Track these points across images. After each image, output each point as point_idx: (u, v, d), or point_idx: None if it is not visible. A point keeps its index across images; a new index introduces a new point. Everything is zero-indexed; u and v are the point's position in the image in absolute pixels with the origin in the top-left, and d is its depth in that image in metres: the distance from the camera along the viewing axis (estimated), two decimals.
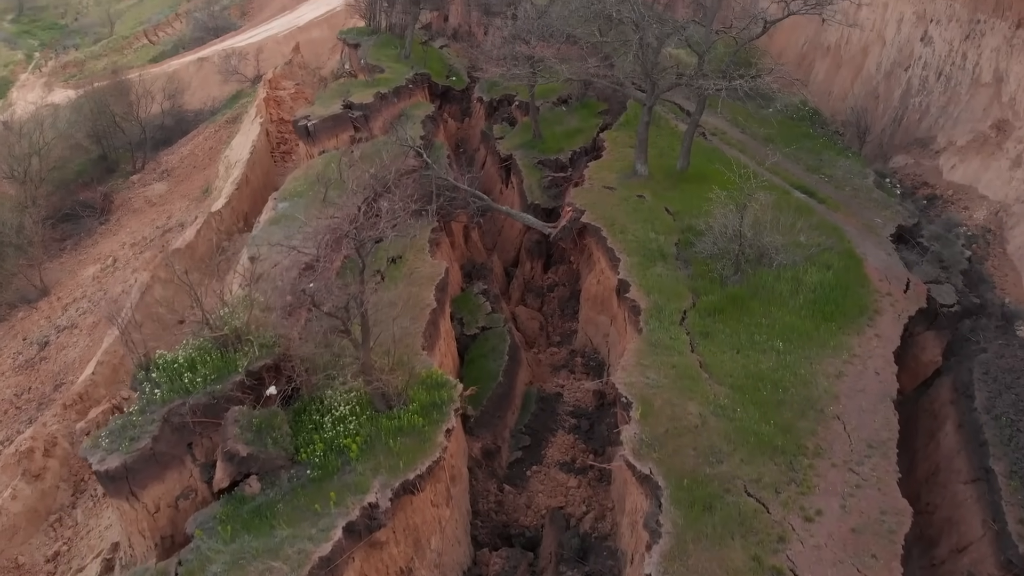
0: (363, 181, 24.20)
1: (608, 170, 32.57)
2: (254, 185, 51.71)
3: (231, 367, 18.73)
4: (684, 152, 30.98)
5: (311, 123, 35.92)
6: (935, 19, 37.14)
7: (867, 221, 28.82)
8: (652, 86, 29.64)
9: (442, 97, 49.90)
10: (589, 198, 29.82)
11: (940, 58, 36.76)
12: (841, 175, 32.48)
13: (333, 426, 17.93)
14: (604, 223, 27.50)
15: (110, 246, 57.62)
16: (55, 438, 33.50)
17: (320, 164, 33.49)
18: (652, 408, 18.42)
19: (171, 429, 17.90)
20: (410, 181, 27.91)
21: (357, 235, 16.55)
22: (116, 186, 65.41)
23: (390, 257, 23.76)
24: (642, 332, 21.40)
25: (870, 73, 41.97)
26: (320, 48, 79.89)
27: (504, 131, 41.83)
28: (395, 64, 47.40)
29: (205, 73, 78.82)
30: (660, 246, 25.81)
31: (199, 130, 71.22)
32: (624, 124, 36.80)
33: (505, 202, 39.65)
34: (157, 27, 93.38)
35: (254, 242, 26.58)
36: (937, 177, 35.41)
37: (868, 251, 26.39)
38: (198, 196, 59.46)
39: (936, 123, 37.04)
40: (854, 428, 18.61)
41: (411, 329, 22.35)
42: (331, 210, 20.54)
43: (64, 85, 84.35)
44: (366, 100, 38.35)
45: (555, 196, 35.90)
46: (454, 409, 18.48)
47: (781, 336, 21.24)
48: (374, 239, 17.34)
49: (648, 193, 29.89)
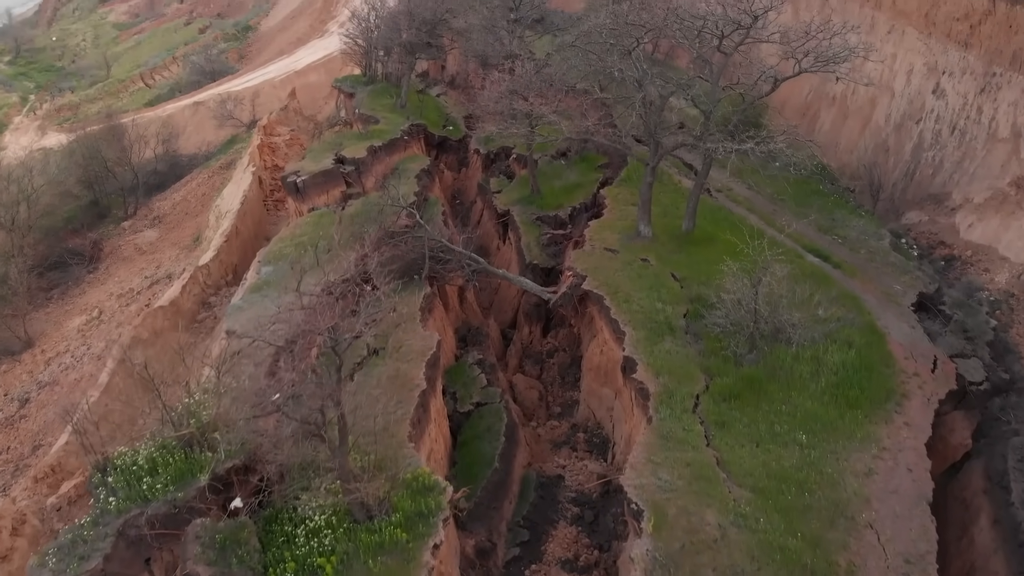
0: (342, 266, 22.46)
1: (610, 230, 31.03)
2: (244, 236, 50.23)
3: (196, 469, 16.85)
4: (690, 213, 29.47)
5: (300, 179, 34.42)
6: (948, 71, 35.95)
7: (886, 289, 27.15)
8: (656, 146, 28.23)
9: (438, 147, 48.65)
10: (590, 261, 28.20)
11: (954, 112, 35.50)
12: (855, 236, 30.91)
13: (307, 540, 15.99)
14: (607, 290, 25.83)
15: (97, 296, 56.28)
16: (24, 515, 31.41)
17: (309, 224, 31.94)
18: (666, 518, 16.51)
19: (126, 544, 15.95)
20: (396, 250, 26.29)
21: (332, 334, 14.83)
22: (107, 232, 64.23)
23: (371, 348, 21.94)
24: (652, 422, 19.56)
25: (879, 125, 40.74)
26: (317, 93, 79.16)
27: (501, 184, 40.41)
28: (390, 114, 46.17)
29: (200, 117, 77.97)
30: (668, 318, 24.09)
31: (192, 176, 70.20)
32: (625, 180, 35.39)
33: (503, 259, 38.05)
34: (154, 70, 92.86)
35: (233, 313, 24.88)
36: (954, 236, 33.88)
37: (890, 324, 24.69)
38: (189, 244, 58.26)
39: (951, 179, 35.65)
40: (889, 539, 16.70)
41: (397, 415, 20.51)
42: (307, 299, 18.84)
43: (58, 129, 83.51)
44: (358, 154, 36.94)
45: (554, 254, 34.33)
46: (443, 519, 16.54)
47: (803, 426, 19.41)
48: (350, 339, 15.59)
49: (653, 256, 28.28)
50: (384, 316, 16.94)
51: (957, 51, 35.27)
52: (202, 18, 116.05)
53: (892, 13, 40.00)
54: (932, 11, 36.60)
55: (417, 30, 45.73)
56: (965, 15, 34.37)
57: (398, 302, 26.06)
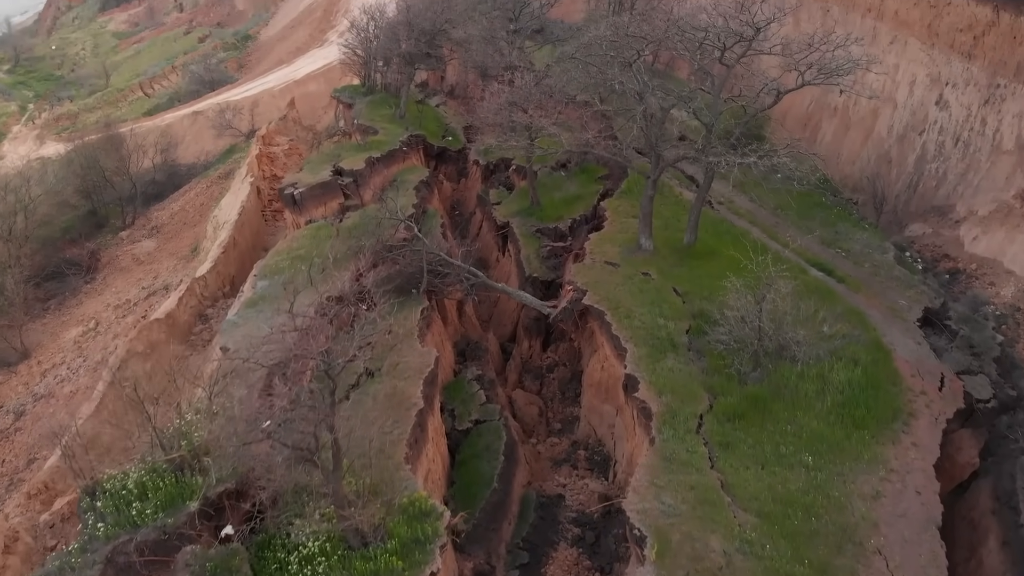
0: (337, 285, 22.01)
1: (610, 243, 30.65)
2: (242, 247, 49.83)
3: (187, 494, 16.41)
4: (691, 226, 29.09)
5: (298, 191, 34.04)
6: (951, 82, 35.64)
7: (891, 303, 26.76)
8: (657, 159, 27.88)
9: (438, 158, 48.30)
10: (591, 275, 27.80)
11: (957, 123, 35.16)
12: (859, 249, 30.52)
13: (300, 568, 15.54)
14: (608, 305, 25.41)
15: (94, 307, 55.98)
16: (17, 532, 30.93)
17: (306, 236, 31.55)
18: (669, 545, 16.06)
19: (115, 572, 15.50)
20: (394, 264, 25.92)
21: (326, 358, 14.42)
22: (104, 242, 63.93)
23: (366, 369, 21.50)
24: (655, 443, 19.12)
25: (881, 136, 40.41)
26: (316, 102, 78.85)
27: (501, 196, 40.04)
28: (389, 124, 45.84)
29: (199, 127, 77.70)
30: (670, 334, 23.67)
31: (191, 185, 69.87)
32: (625, 192, 35.03)
33: (502, 272, 37.66)
34: (153, 80, 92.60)
35: (228, 329, 24.47)
36: (958, 249, 33.50)
37: (896, 340, 24.27)
38: (186, 255, 57.94)
39: (955, 191, 35.29)
40: (898, 566, 16.25)
41: (394, 435, 20.07)
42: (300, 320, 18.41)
43: (56, 138, 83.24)
44: (356, 166, 36.57)
45: (554, 267, 33.94)
46: (440, 546, 16.08)
47: (809, 447, 18.98)
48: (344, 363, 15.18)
49: (654, 270, 27.89)
50: (380, 338, 16.47)
51: (960, 62, 34.96)
52: (202, 27, 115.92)
53: (894, 23, 39.70)
54: (935, 22, 36.31)
55: (416, 40, 45.45)
56: (968, 26, 34.09)
57: (395, 318, 25.71)
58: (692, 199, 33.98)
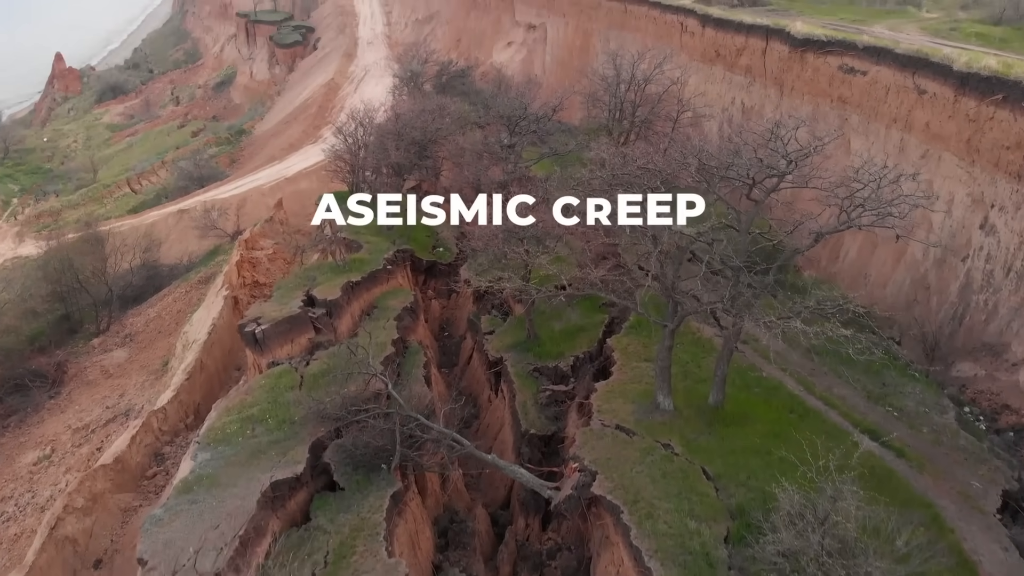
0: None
1: (622, 397, 26.13)
2: (210, 371, 45.42)
3: None
4: (718, 384, 24.67)
5: (260, 328, 29.70)
6: (998, 204, 31.84)
7: (963, 488, 21.99)
8: (675, 307, 23.70)
9: (427, 272, 44.45)
10: (601, 449, 23.11)
11: (1008, 251, 31.18)
12: (913, 407, 25.92)
13: None
14: (624, 498, 20.62)
15: (54, 427, 51.69)
16: None
17: (264, 388, 27.04)
18: None
19: None
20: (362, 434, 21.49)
21: None
22: (75, 351, 59.92)
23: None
24: None
25: (916, 259, 36.45)
26: (307, 200, 75.88)
27: (494, 323, 35.80)
28: (375, 237, 42.11)
29: (184, 226, 74.64)
30: (704, 543, 18.83)
31: (169, 289, 66.31)
32: (634, 327, 30.81)
33: (494, 417, 33.01)
34: (141, 175, 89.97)
35: (150, 528, 19.65)
36: (1020, 399, 29.00)
37: (979, 546, 19.47)
38: (157, 368, 53.95)
39: (1008, 327, 31.00)
40: None
41: None
42: None
43: (36, 236, 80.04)
44: (331, 295, 32.38)
45: (555, 416, 29.37)
46: None
47: None
48: None
49: (677, 440, 23.23)
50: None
51: (1008, 183, 31.28)
52: (196, 120, 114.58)
53: (925, 136, 36.31)
54: (975, 137, 32.84)
55: (406, 151, 42.25)
56: (1017, 143, 30.56)
57: (359, 507, 21.03)
58: (712, 337, 29.74)
